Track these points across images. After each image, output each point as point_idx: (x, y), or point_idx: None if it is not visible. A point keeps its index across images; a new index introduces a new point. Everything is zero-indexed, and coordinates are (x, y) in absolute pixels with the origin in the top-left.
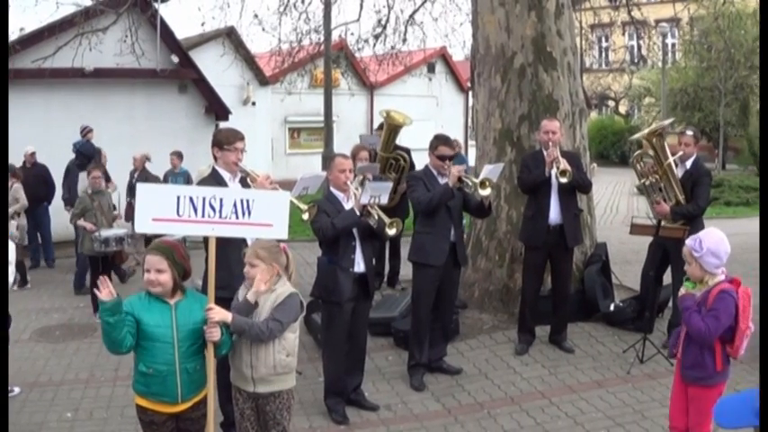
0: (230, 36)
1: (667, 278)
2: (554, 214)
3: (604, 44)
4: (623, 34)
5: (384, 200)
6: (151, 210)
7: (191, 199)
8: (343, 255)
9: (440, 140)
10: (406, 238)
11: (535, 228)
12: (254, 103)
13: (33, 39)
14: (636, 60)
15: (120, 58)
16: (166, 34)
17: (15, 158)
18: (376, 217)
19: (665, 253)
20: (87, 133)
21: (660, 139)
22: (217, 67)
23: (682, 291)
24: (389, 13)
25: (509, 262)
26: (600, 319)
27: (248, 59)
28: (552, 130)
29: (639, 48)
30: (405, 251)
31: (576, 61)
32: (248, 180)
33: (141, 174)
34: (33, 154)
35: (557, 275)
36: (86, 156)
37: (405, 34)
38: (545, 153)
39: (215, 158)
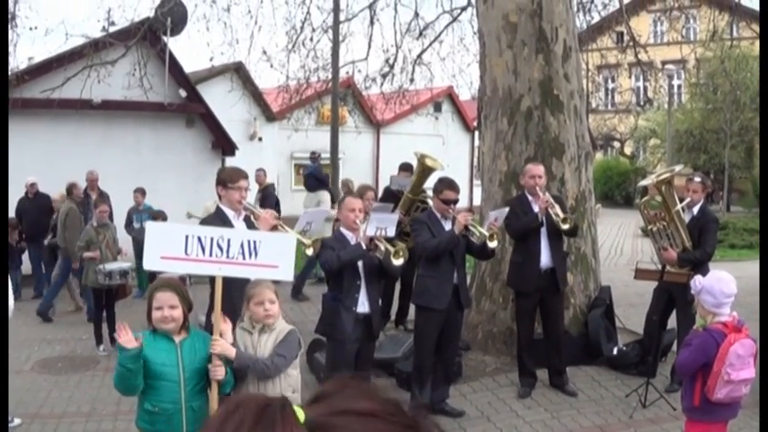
0: (238, 71)
1: (672, 322)
2: (545, 258)
3: (611, 85)
4: (630, 76)
5: (391, 232)
6: (160, 248)
7: (199, 238)
8: (348, 294)
9: (444, 184)
10: None
11: (526, 273)
12: (260, 139)
13: (42, 69)
14: (642, 102)
15: (127, 91)
16: (175, 68)
17: (19, 189)
18: (383, 249)
19: (670, 297)
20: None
21: (669, 187)
22: (224, 102)
23: (694, 327)
24: (397, 52)
25: (513, 304)
26: (603, 362)
27: (256, 95)
28: (538, 174)
29: (646, 90)
30: None
31: (582, 104)
32: (252, 218)
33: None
34: (34, 185)
35: (549, 319)
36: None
37: (412, 74)
38: (530, 198)
39: (219, 197)
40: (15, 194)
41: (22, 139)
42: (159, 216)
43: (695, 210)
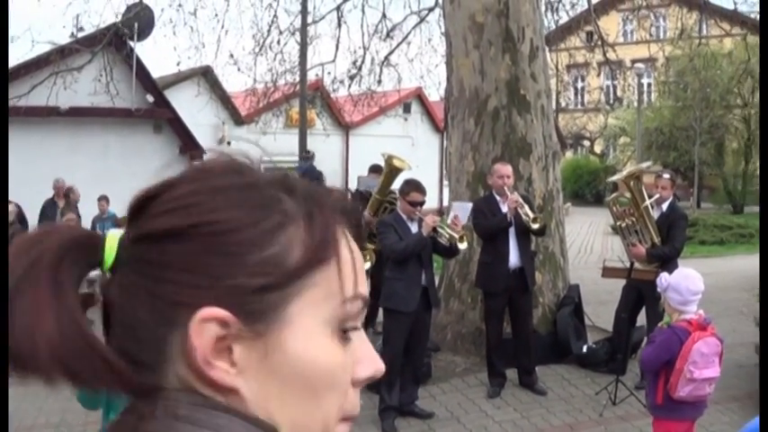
0: (206, 75)
1: (642, 319)
2: (514, 258)
3: (580, 84)
4: (599, 75)
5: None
6: None
7: None
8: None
9: (411, 186)
10: None
11: (494, 273)
12: (229, 143)
13: (8, 76)
14: (610, 101)
15: (94, 97)
16: (142, 73)
17: None
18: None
19: (639, 294)
20: None
21: (638, 182)
22: (192, 107)
23: (660, 324)
24: (365, 54)
25: (481, 305)
26: (573, 361)
27: (224, 99)
28: (507, 174)
29: (615, 88)
30: None
31: (549, 104)
32: None
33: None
34: None
35: (517, 318)
36: None
37: (380, 75)
38: (498, 198)
39: None
40: None
41: None
42: (124, 223)
43: (664, 206)
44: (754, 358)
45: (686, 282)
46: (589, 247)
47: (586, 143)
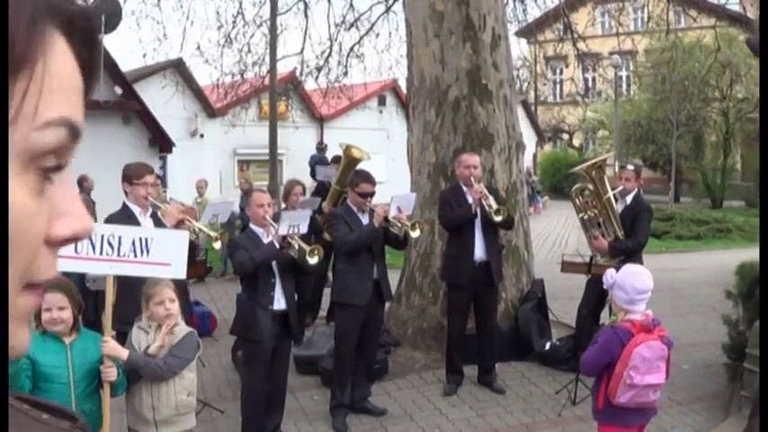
0: (179, 68)
1: (606, 316)
2: (479, 251)
3: (559, 76)
4: (577, 66)
5: (303, 229)
6: None
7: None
8: (263, 292)
9: (361, 177)
10: None
11: (459, 266)
12: (201, 136)
13: None
14: (581, 93)
15: None
16: (110, 65)
17: None
18: (296, 247)
19: (603, 290)
20: None
21: (600, 172)
22: (164, 99)
23: (605, 323)
24: (332, 45)
25: (443, 299)
26: (534, 358)
27: (196, 91)
28: (474, 164)
29: (593, 80)
30: None
31: (513, 94)
32: (159, 213)
33: None
34: None
35: (482, 314)
36: None
37: (346, 66)
38: (465, 189)
39: (125, 193)
40: None
41: None
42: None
43: (628, 198)
44: (722, 357)
45: (632, 279)
46: (563, 241)
47: (565, 136)
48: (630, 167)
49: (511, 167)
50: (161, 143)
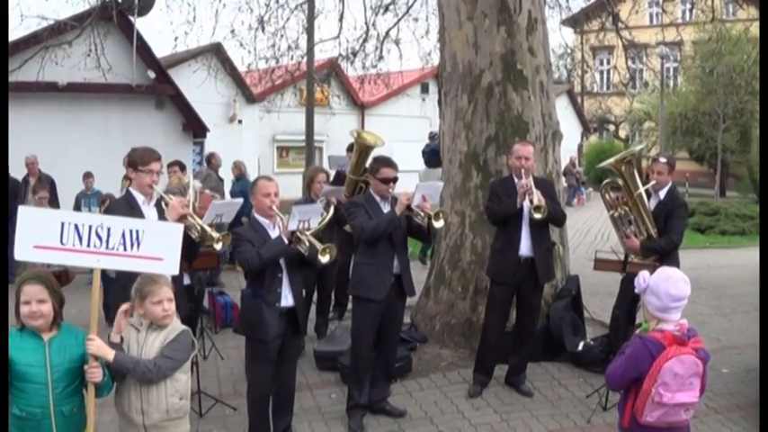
0: (217, 52)
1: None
2: (525, 247)
3: (606, 67)
4: (626, 59)
5: (314, 224)
6: (33, 236)
7: (76, 226)
8: (269, 288)
9: (381, 162)
10: None
11: (503, 261)
12: (240, 121)
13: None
14: (626, 83)
15: (89, 72)
16: (143, 49)
17: None
18: (307, 244)
19: None
20: None
21: (629, 167)
22: (204, 84)
23: (636, 332)
24: (368, 30)
25: (472, 294)
26: (566, 359)
27: (235, 77)
28: (525, 155)
29: (640, 71)
30: None
31: (550, 80)
32: (162, 204)
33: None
34: None
35: (523, 313)
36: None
37: (381, 52)
38: (516, 180)
39: (129, 180)
40: None
41: None
42: (107, 200)
43: (662, 193)
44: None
45: (666, 284)
46: (606, 234)
47: (611, 127)
48: (663, 160)
49: (546, 157)
50: (195, 128)
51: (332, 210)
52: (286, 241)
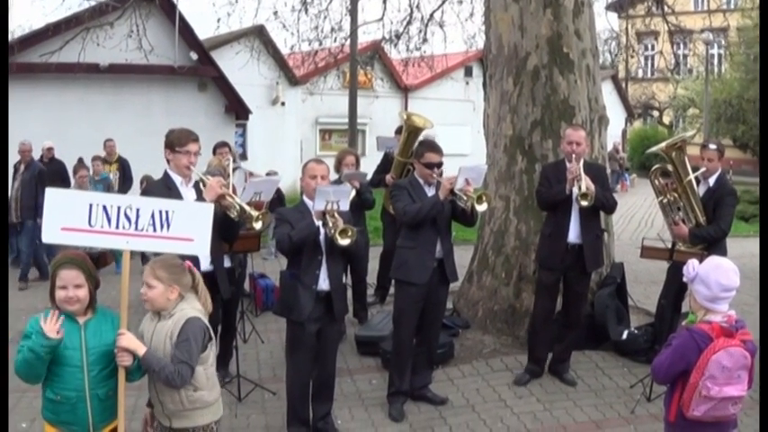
0: (260, 34)
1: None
2: (573, 234)
3: (651, 52)
4: (671, 44)
5: (344, 206)
6: (61, 218)
7: (104, 208)
8: (306, 270)
9: (425, 146)
10: None
11: (552, 247)
12: (283, 104)
13: (40, 36)
14: (671, 68)
15: (131, 53)
16: (185, 31)
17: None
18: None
19: None
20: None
21: (680, 153)
22: (246, 66)
23: (683, 322)
24: (412, 12)
25: (516, 280)
26: (610, 347)
27: (278, 59)
28: (577, 140)
29: (685, 57)
30: None
31: (596, 64)
32: (200, 186)
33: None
34: (51, 149)
35: (570, 300)
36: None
37: (425, 34)
38: (567, 165)
39: (167, 161)
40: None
41: (28, 105)
42: (145, 181)
43: (711, 180)
44: None
45: (717, 273)
46: (650, 221)
47: (655, 113)
48: (713, 146)
49: (593, 142)
50: (237, 110)
51: (353, 193)
52: (317, 223)
